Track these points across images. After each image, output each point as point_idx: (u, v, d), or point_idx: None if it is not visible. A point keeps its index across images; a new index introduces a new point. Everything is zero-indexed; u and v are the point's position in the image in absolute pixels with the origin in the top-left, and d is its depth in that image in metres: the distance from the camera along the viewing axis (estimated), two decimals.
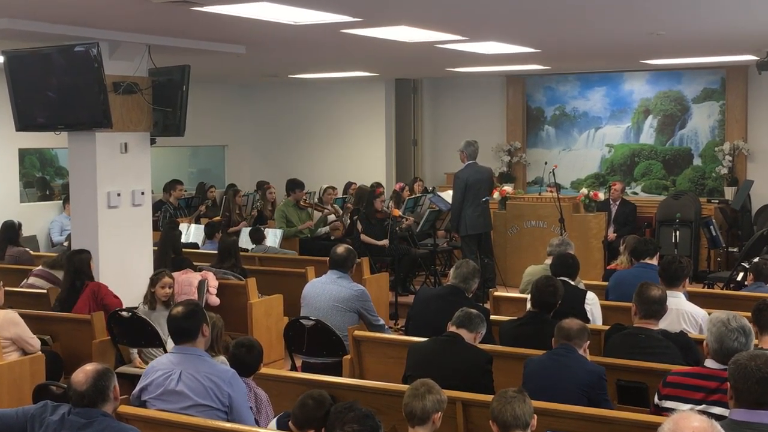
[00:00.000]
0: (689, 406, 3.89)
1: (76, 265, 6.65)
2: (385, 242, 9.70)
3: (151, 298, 6.49)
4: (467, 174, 9.38)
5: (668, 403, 4.01)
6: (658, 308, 4.89)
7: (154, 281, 6.51)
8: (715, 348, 3.95)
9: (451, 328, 4.84)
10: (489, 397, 4.09)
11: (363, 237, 9.83)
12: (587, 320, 5.59)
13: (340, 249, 6.44)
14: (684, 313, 5.45)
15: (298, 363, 6.33)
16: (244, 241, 9.93)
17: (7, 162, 11.24)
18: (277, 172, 13.93)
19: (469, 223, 9.29)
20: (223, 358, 4.82)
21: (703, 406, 3.87)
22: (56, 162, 12.68)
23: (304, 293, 6.44)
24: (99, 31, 6.86)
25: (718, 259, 10.73)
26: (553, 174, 9.67)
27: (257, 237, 9.68)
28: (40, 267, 7.57)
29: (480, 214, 9.34)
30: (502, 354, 5.09)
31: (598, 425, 4.04)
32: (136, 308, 6.73)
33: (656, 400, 4.10)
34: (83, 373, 3.72)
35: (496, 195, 10.53)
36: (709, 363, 4.00)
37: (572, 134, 13.12)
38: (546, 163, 10.82)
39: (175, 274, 7.37)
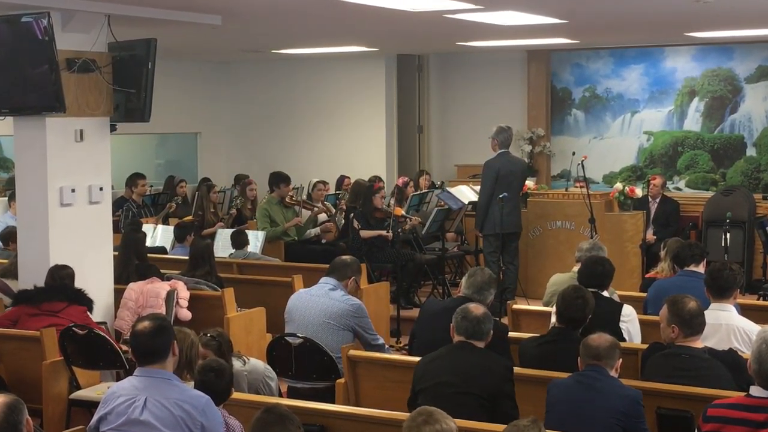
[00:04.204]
0: None
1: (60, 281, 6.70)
2: (388, 234, 9.70)
3: None
4: (499, 163, 9.48)
5: None
6: (700, 321, 4.94)
7: None
8: (755, 369, 3.97)
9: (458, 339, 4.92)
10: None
11: (363, 232, 9.78)
12: (622, 339, 5.61)
13: (346, 256, 6.53)
14: (735, 328, 5.46)
15: (284, 388, 6.33)
16: (221, 245, 9.93)
17: None
18: (258, 164, 13.94)
19: (496, 219, 9.32)
20: None
21: None
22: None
23: (289, 306, 6.46)
24: None
25: None
26: (582, 166, 9.68)
27: (240, 241, 9.68)
28: None
29: (510, 210, 9.39)
30: (522, 377, 5.10)
31: None
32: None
33: None
34: None
35: None
36: (755, 391, 3.98)
37: (605, 120, 13.12)
38: (574, 153, 10.81)
39: (139, 284, 7.41)
